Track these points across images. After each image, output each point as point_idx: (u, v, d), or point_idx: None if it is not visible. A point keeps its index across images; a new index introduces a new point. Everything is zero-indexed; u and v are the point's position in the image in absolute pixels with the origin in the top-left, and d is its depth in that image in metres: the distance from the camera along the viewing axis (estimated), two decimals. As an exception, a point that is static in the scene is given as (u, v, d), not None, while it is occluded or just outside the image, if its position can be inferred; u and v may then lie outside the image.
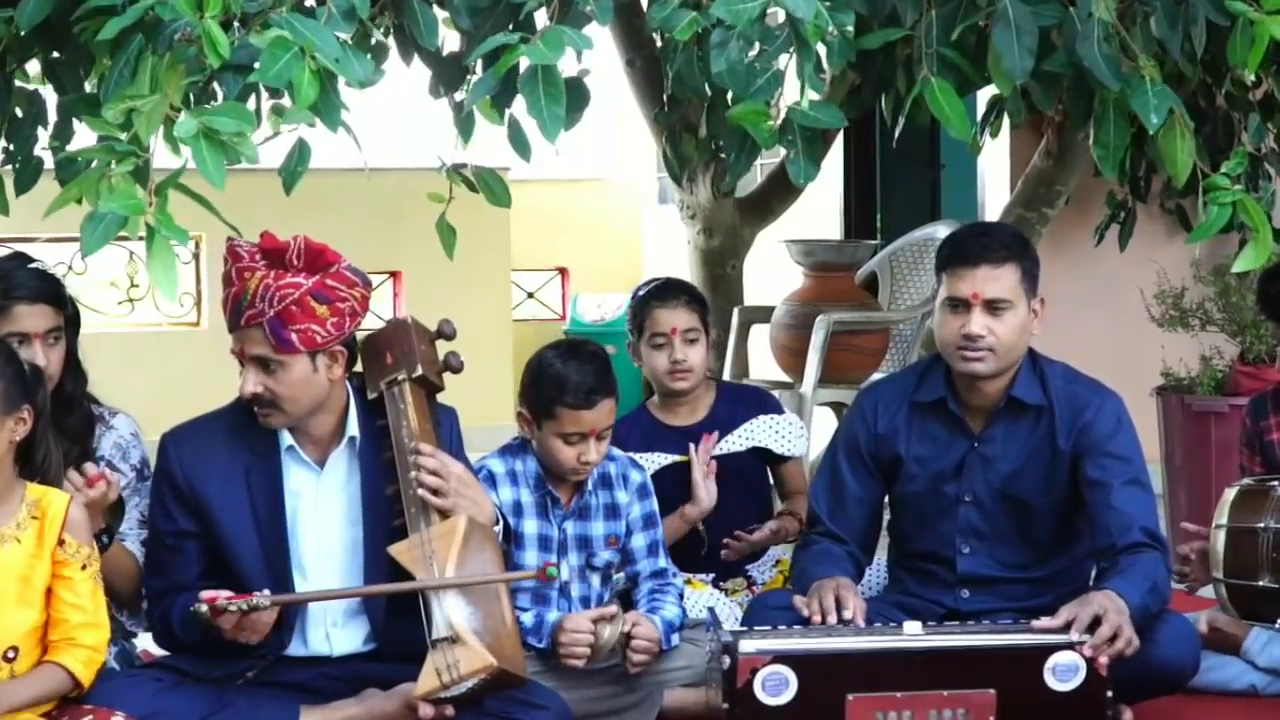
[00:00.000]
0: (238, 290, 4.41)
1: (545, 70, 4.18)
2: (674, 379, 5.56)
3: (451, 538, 4.42)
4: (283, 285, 4.41)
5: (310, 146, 4.59)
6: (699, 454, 5.46)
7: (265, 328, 4.40)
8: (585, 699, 4.82)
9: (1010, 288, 4.75)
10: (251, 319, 4.40)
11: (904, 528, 5.06)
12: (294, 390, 4.46)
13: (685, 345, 5.53)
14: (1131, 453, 4.81)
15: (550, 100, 4.22)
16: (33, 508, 4.16)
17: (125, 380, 5.42)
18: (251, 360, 4.43)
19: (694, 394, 5.65)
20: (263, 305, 4.39)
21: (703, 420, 5.65)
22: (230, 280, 4.44)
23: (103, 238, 3.98)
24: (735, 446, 5.61)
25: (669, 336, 5.53)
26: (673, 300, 5.58)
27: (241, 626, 4.29)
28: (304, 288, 4.42)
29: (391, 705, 4.46)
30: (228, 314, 4.46)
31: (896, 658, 4.29)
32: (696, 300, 5.64)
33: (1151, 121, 4.61)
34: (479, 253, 10.47)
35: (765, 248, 8.12)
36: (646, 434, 5.63)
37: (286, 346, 4.41)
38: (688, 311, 5.56)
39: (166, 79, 4.00)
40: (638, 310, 5.63)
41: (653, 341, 5.57)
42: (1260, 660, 5.17)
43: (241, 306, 4.40)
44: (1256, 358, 7.00)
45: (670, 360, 5.53)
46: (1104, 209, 8.27)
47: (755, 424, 5.64)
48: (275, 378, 4.44)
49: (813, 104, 4.50)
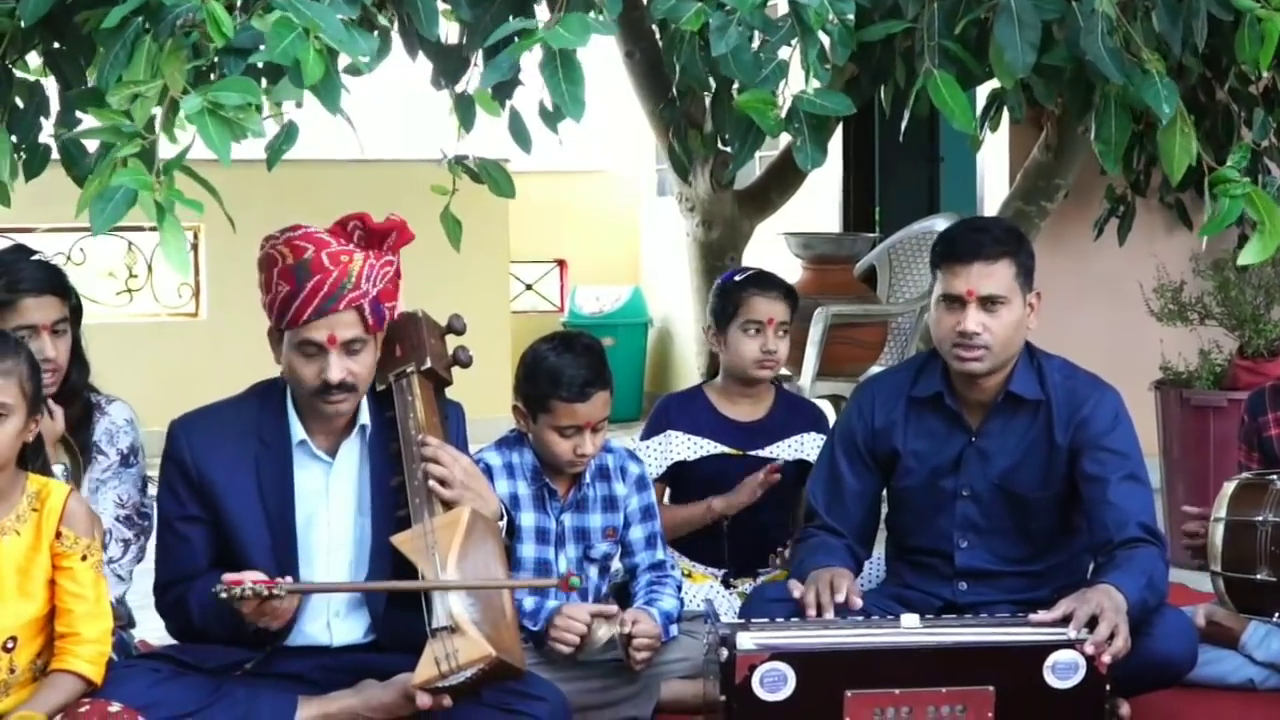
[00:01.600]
0: (339, 275, 4.40)
1: (564, 53, 4.18)
2: (761, 367, 5.57)
3: (455, 529, 4.42)
4: (383, 264, 4.48)
5: (298, 126, 4.58)
6: (766, 471, 5.46)
7: (366, 308, 4.42)
8: (583, 690, 4.83)
9: (1005, 284, 4.74)
10: (354, 301, 4.40)
11: (902, 522, 5.06)
12: (368, 370, 4.50)
13: (778, 338, 5.54)
14: (1129, 448, 4.81)
15: (570, 82, 4.22)
16: (33, 499, 4.16)
17: (123, 370, 5.41)
18: (340, 345, 4.42)
19: (758, 390, 5.67)
20: (367, 285, 4.42)
21: (760, 419, 5.66)
22: (315, 267, 4.39)
23: (112, 215, 3.95)
24: (783, 454, 5.64)
25: (765, 326, 5.53)
26: (773, 291, 5.60)
27: (263, 611, 4.28)
28: (395, 265, 4.52)
29: (389, 695, 4.45)
30: (316, 301, 4.39)
31: (895, 654, 4.28)
32: (791, 295, 5.68)
33: (1164, 112, 4.60)
34: (478, 245, 10.41)
35: (764, 240, 8.11)
36: (701, 419, 5.65)
37: (380, 325, 4.47)
38: (784, 304, 5.59)
39: (167, 65, 3.99)
40: (731, 294, 5.62)
41: (746, 328, 5.56)
42: (1258, 654, 5.17)
43: (344, 290, 4.39)
44: (1255, 352, 7.00)
45: (763, 350, 5.54)
46: (1103, 203, 8.27)
47: (807, 439, 5.66)
48: (358, 360, 4.45)
49: (819, 91, 4.50)
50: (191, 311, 10.86)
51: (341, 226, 4.53)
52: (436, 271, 9.88)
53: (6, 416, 4.09)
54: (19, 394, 4.10)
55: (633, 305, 12.17)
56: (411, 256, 4.60)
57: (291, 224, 4.54)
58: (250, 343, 4.62)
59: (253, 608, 4.26)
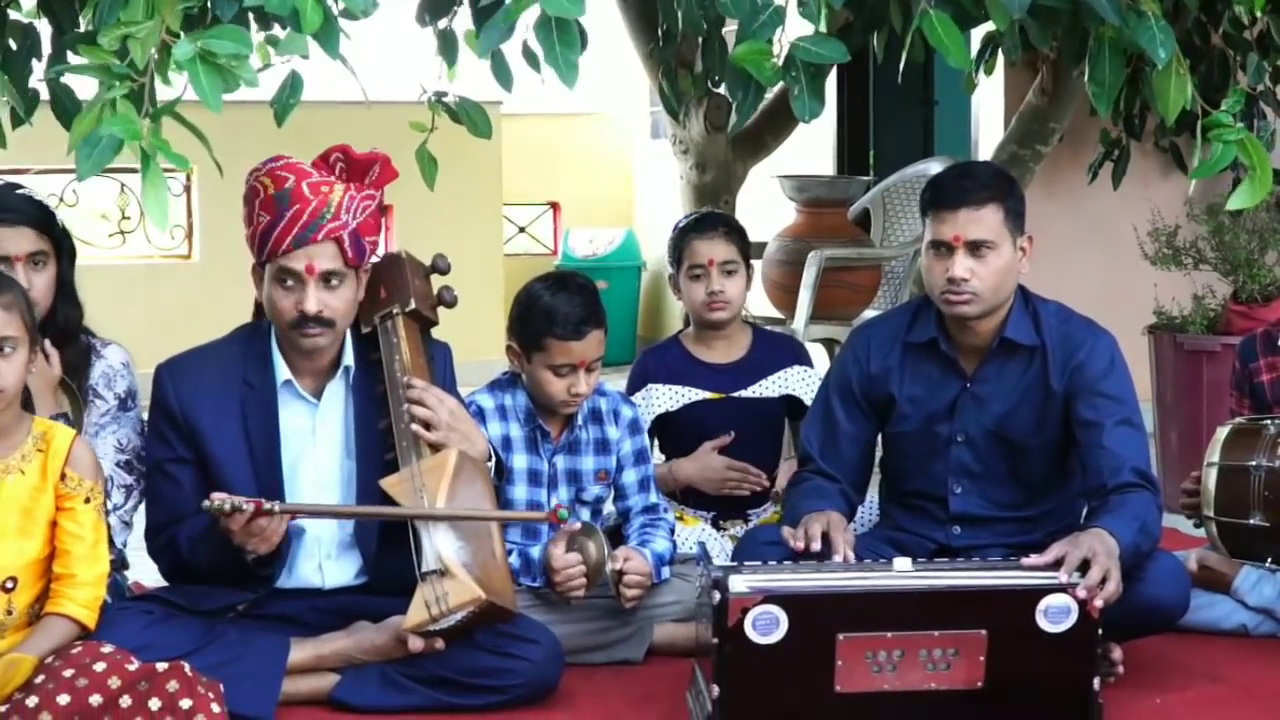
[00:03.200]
0: (318, 204, 4.40)
1: (559, 19, 4.14)
2: (710, 310, 5.56)
3: (442, 471, 4.42)
4: (364, 197, 4.48)
5: (302, 78, 4.57)
6: (715, 442, 5.51)
7: (345, 239, 4.42)
8: (575, 633, 4.84)
9: (992, 228, 4.73)
10: (333, 232, 4.41)
11: (896, 467, 5.06)
12: (349, 307, 4.50)
13: (723, 277, 5.53)
14: (1124, 393, 4.80)
15: (565, 47, 4.18)
16: (39, 441, 4.18)
17: (116, 312, 5.40)
18: (319, 276, 4.42)
19: (730, 332, 5.66)
20: (347, 217, 4.43)
21: (738, 360, 5.66)
22: (296, 197, 4.41)
23: (98, 162, 3.94)
24: (768, 392, 5.64)
25: (706, 268, 5.53)
26: (710, 231, 5.58)
27: (251, 532, 4.28)
28: (377, 198, 4.51)
29: (381, 637, 4.47)
30: (295, 230, 4.40)
31: (888, 597, 4.28)
32: (735, 231, 5.64)
33: (1159, 56, 4.59)
34: (470, 187, 10.48)
35: (758, 183, 8.10)
36: (678, 367, 5.64)
37: (360, 258, 4.46)
38: (725, 243, 5.56)
39: (162, 3, 3.96)
40: (677, 242, 5.62)
41: (690, 273, 5.56)
42: (1250, 599, 5.17)
43: (323, 220, 4.40)
44: (1249, 297, 6.99)
45: (707, 292, 5.53)
46: (1098, 147, 8.26)
47: (790, 373, 5.66)
48: (336, 293, 4.45)
49: (815, 38, 4.48)
50: (184, 254, 10.83)
51: (324, 159, 4.53)
52: (429, 214, 9.89)
53: (14, 350, 4.10)
54: (22, 326, 4.13)
55: (626, 248, 12.14)
56: (404, 199, 4.62)
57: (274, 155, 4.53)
58: (243, 285, 4.60)
59: (240, 524, 4.25)
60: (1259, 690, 4.77)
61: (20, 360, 4.13)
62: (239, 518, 4.23)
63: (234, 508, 4.21)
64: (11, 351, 4.10)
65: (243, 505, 4.22)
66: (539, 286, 4.98)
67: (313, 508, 4.51)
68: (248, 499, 4.25)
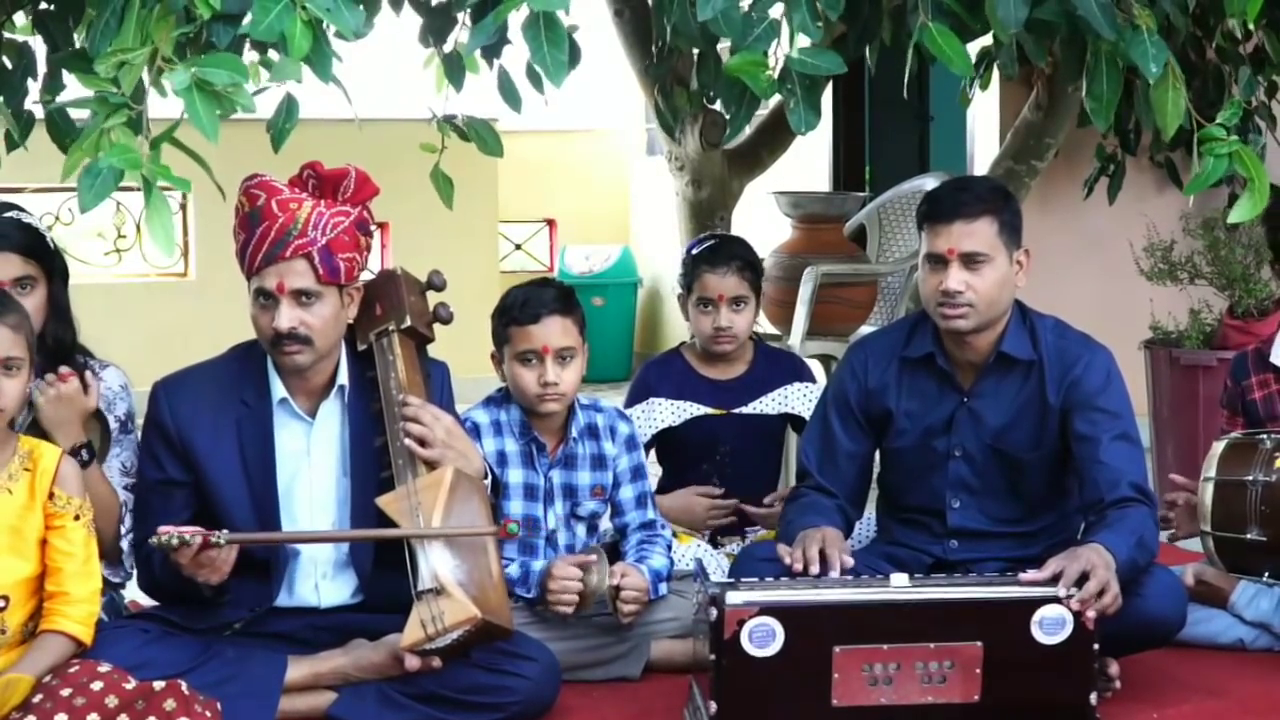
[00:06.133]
0: (284, 221, 4.39)
1: (546, 16, 4.15)
2: (716, 343, 5.57)
3: (438, 489, 4.42)
4: (335, 213, 4.44)
5: (298, 102, 4.57)
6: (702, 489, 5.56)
7: (315, 256, 4.40)
8: (572, 650, 4.83)
9: (987, 241, 4.73)
10: (301, 248, 4.39)
11: (894, 482, 5.06)
12: (326, 325, 4.47)
13: (731, 312, 5.53)
14: (1121, 407, 4.80)
15: (553, 46, 4.18)
16: (25, 460, 4.18)
17: (112, 330, 5.39)
18: (290, 294, 4.41)
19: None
20: (315, 234, 4.40)
21: (740, 376, 5.67)
22: (265, 214, 4.40)
23: (100, 193, 3.93)
24: (768, 409, 5.66)
25: (716, 303, 5.53)
26: (722, 266, 5.57)
27: (200, 564, 4.26)
28: (352, 216, 4.48)
29: (378, 656, 4.46)
30: (265, 247, 4.40)
31: (884, 610, 4.29)
32: (749, 266, 5.63)
33: (1151, 71, 4.60)
34: (467, 204, 10.40)
35: (754, 199, 8.10)
36: (681, 382, 5.66)
37: (334, 276, 4.42)
38: (738, 278, 5.56)
39: (157, 30, 3.96)
40: (688, 270, 5.62)
41: (699, 304, 5.58)
42: (1247, 614, 5.17)
43: (289, 237, 4.38)
44: (1245, 311, 7.00)
45: (714, 327, 5.54)
46: (1093, 162, 8.27)
47: (791, 390, 5.68)
48: (311, 311, 4.43)
49: (810, 50, 4.49)
50: (180, 272, 10.83)
51: (299, 176, 4.52)
52: (425, 231, 9.89)
53: (19, 370, 4.12)
54: (26, 347, 4.16)
55: (622, 265, 12.14)
56: (401, 216, 4.62)
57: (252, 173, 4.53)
58: (240, 303, 4.60)
59: (188, 557, 4.23)
60: (1256, 704, 4.77)
61: (23, 380, 4.15)
62: (185, 551, 4.20)
63: (181, 541, 4.18)
64: (16, 371, 4.12)
65: (189, 538, 4.20)
66: (513, 289, 5.01)
67: (265, 537, 4.49)
68: (194, 530, 4.22)
